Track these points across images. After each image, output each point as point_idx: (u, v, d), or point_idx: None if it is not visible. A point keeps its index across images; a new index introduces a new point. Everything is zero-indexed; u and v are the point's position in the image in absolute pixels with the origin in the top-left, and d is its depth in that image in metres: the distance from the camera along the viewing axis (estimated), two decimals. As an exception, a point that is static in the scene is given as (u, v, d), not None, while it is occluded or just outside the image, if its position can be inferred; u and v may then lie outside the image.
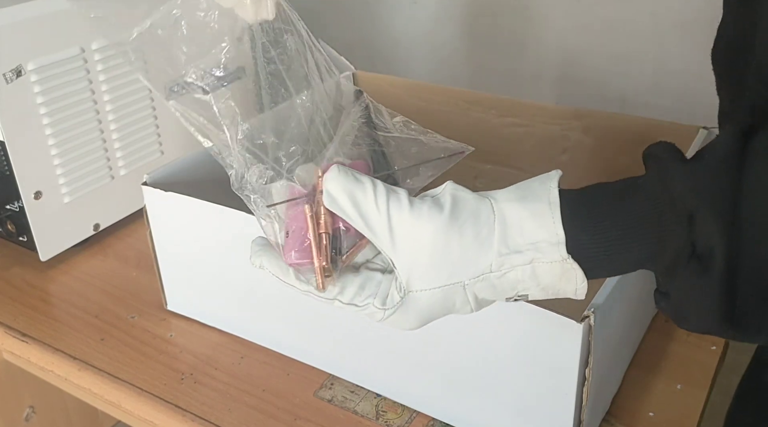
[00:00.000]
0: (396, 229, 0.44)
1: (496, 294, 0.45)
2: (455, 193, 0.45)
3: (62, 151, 0.81)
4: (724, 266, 0.38)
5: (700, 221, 0.39)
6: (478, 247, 0.44)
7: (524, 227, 0.43)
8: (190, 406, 0.65)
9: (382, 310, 0.46)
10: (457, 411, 0.61)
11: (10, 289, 0.81)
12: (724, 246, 0.38)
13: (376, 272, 0.47)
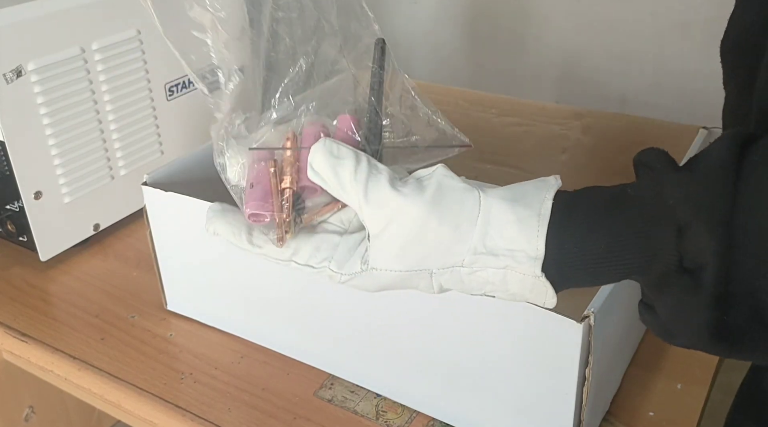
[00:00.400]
0: (372, 205, 0.43)
1: (462, 288, 0.44)
2: (443, 179, 0.44)
3: (62, 151, 0.81)
4: (715, 282, 0.37)
5: (690, 233, 0.37)
6: (454, 239, 0.42)
7: (506, 231, 0.42)
8: (190, 406, 0.65)
9: (339, 274, 0.46)
10: (457, 411, 0.61)
11: (10, 289, 0.82)
12: (716, 261, 0.36)
13: (333, 234, 0.47)
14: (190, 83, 0.95)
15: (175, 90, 0.93)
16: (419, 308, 0.59)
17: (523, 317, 0.53)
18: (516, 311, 0.53)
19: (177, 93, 0.93)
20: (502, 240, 0.42)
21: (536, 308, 0.52)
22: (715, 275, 0.36)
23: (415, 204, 0.43)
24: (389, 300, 0.60)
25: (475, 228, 0.42)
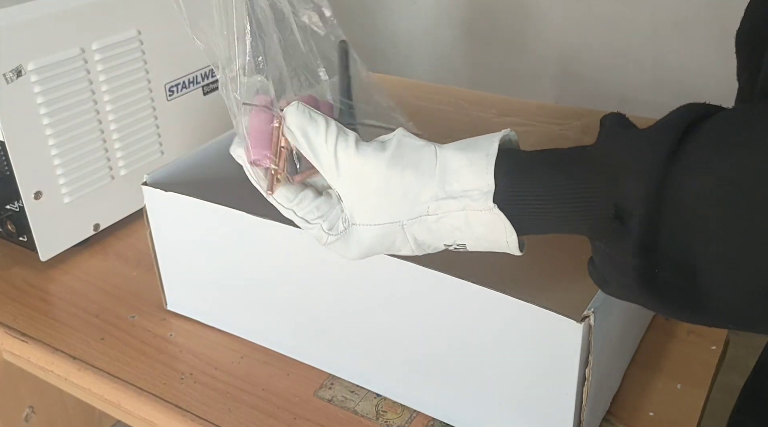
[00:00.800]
0: (342, 166, 0.48)
1: (433, 238, 0.48)
2: (402, 138, 0.48)
3: (62, 152, 0.81)
4: (641, 229, 0.39)
5: (623, 181, 0.39)
6: (416, 188, 0.46)
7: (461, 174, 0.45)
8: (190, 406, 0.65)
9: (327, 234, 0.50)
10: (457, 411, 0.61)
11: (10, 289, 0.82)
12: (644, 209, 0.38)
13: (334, 199, 0.50)
14: (190, 83, 0.95)
15: (175, 90, 0.93)
16: (419, 308, 0.59)
17: (524, 317, 0.53)
18: (516, 311, 0.53)
19: (177, 93, 0.93)
20: (458, 183, 0.46)
21: (536, 307, 0.52)
22: (641, 222, 0.38)
23: (379, 161, 0.47)
24: (389, 300, 0.60)
25: (434, 177, 0.46)
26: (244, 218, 0.64)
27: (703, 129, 0.39)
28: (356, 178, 0.48)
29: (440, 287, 0.56)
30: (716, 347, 0.70)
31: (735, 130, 0.38)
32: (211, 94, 0.99)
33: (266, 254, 0.65)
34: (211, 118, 0.99)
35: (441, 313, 0.57)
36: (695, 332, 0.72)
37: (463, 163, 0.46)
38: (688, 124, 0.39)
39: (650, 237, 0.39)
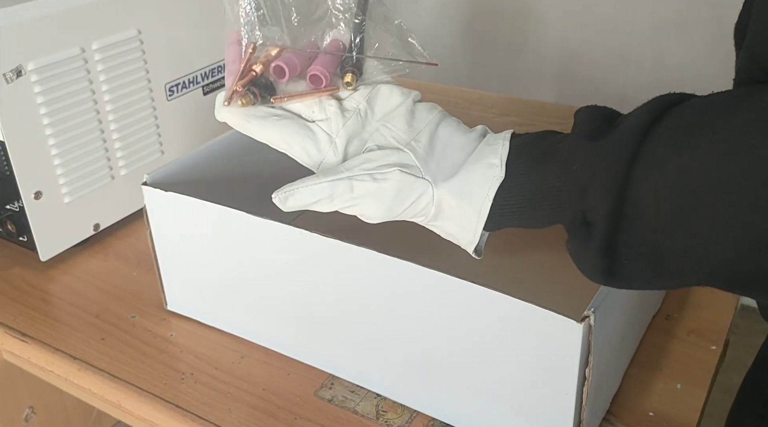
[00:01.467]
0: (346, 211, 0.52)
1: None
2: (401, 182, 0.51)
3: (62, 151, 0.81)
4: (602, 238, 0.44)
5: (589, 195, 0.44)
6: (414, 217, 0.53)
7: (451, 221, 0.51)
8: (190, 406, 0.65)
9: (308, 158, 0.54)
10: (457, 411, 0.61)
11: (10, 289, 0.82)
12: (604, 222, 0.43)
13: (319, 128, 0.53)
14: (190, 83, 0.95)
15: (175, 90, 0.93)
16: (419, 307, 0.59)
17: (524, 317, 0.53)
18: (516, 311, 0.53)
19: (177, 93, 0.93)
20: (448, 226, 0.52)
21: (536, 307, 0.52)
22: (602, 232, 0.44)
23: (378, 206, 0.51)
24: (389, 300, 0.60)
25: (427, 216, 0.52)
26: (244, 218, 0.64)
27: (663, 124, 0.42)
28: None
29: (440, 287, 0.56)
30: (716, 347, 0.70)
31: (691, 121, 0.41)
32: (211, 94, 0.99)
33: (266, 253, 0.65)
34: (211, 118, 0.99)
35: (441, 313, 0.57)
36: (695, 332, 0.72)
37: (454, 213, 0.50)
38: (651, 122, 0.42)
39: (611, 242, 0.44)
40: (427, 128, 0.52)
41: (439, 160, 0.51)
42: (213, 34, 0.96)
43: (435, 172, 0.50)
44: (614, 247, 0.44)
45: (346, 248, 0.60)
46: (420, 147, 0.51)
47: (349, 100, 0.54)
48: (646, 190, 0.41)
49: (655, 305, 0.74)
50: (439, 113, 0.54)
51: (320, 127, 0.53)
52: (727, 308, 0.75)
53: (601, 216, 0.43)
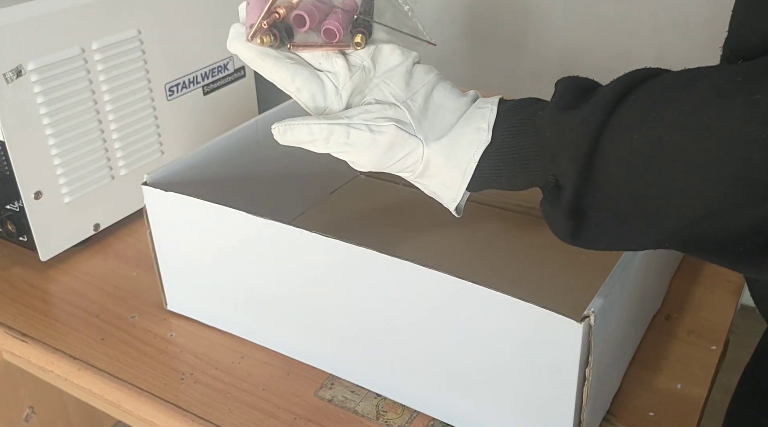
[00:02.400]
0: (340, 155, 0.54)
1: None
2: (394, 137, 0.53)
3: (62, 151, 0.81)
4: (570, 202, 0.47)
5: (559, 161, 0.47)
6: (400, 172, 0.55)
7: (437, 178, 0.53)
8: (190, 406, 0.65)
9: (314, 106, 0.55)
10: (457, 411, 0.61)
11: (10, 289, 0.82)
12: (572, 187, 0.46)
13: (327, 79, 0.55)
14: (190, 83, 0.95)
15: (175, 90, 0.93)
16: (419, 307, 0.59)
17: (524, 317, 0.53)
18: (516, 311, 0.53)
19: (177, 93, 0.93)
20: (432, 184, 0.54)
21: (536, 308, 0.52)
22: (570, 195, 0.47)
23: (372, 155, 0.53)
24: (388, 299, 0.60)
25: (416, 171, 0.54)
26: (244, 218, 0.64)
27: (632, 97, 0.44)
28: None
29: (440, 287, 0.56)
30: (716, 347, 0.70)
31: (657, 94, 0.43)
32: (211, 94, 0.99)
33: (266, 253, 0.65)
34: (211, 118, 0.99)
35: (441, 313, 0.57)
36: (695, 332, 0.72)
37: (442, 171, 0.53)
38: (622, 95, 0.44)
39: (578, 205, 0.47)
40: (423, 89, 0.55)
41: (432, 121, 0.54)
42: (213, 34, 0.96)
43: (427, 131, 0.53)
44: (582, 209, 0.47)
45: (345, 248, 0.60)
46: (415, 106, 0.54)
47: (354, 56, 0.56)
48: (612, 158, 0.44)
49: (655, 305, 0.74)
50: (435, 76, 0.57)
51: (328, 77, 0.56)
52: (727, 308, 0.75)
53: (569, 180, 0.46)
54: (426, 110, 0.54)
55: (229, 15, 0.96)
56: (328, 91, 0.55)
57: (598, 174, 0.45)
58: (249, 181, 0.83)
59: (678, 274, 0.80)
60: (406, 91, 0.55)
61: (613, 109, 0.44)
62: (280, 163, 0.86)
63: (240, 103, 1.04)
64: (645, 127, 0.42)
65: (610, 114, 0.44)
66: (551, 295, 0.74)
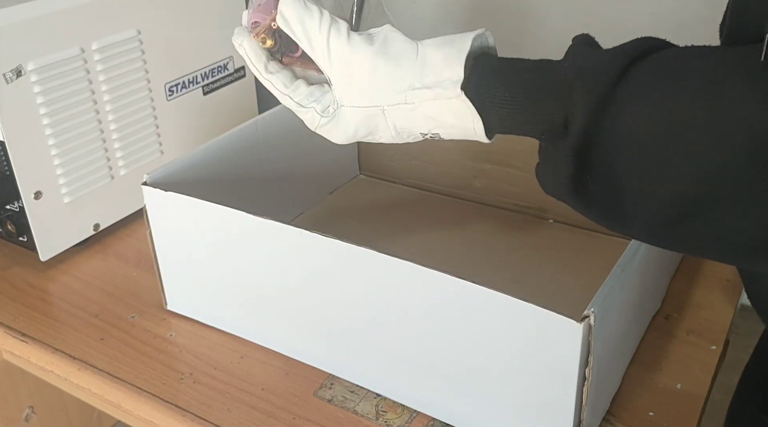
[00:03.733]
0: (333, 53, 0.53)
1: (410, 125, 0.53)
2: (389, 33, 0.53)
3: (62, 151, 0.81)
4: (578, 134, 0.43)
5: (574, 93, 0.44)
6: (397, 78, 0.52)
7: (436, 66, 0.51)
8: (190, 406, 0.65)
9: (320, 116, 0.55)
10: (457, 411, 0.61)
11: (10, 289, 0.81)
12: (584, 117, 0.43)
13: (326, 86, 0.56)
14: (190, 83, 0.95)
15: (175, 90, 0.93)
16: (418, 307, 0.59)
17: (523, 317, 0.53)
18: (516, 311, 0.53)
19: (177, 93, 0.93)
20: (433, 74, 0.51)
21: (536, 307, 0.52)
22: (580, 127, 0.43)
23: (366, 51, 0.53)
24: (388, 299, 0.60)
25: (413, 68, 0.52)
26: (244, 218, 0.64)
27: (650, 59, 0.43)
28: (346, 65, 0.53)
29: (439, 287, 0.56)
30: (716, 347, 0.70)
31: (674, 64, 0.42)
32: (211, 94, 0.99)
33: (265, 254, 0.65)
34: (211, 118, 0.99)
35: (441, 312, 0.57)
36: (695, 332, 0.72)
37: (439, 58, 0.51)
38: (640, 53, 0.43)
39: (586, 144, 0.43)
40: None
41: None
42: (213, 34, 0.96)
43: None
44: (587, 157, 0.44)
45: (345, 248, 0.60)
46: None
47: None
48: (625, 111, 0.42)
49: (655, 305, 0.74)
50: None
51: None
52: (727, 308, 0.75)
53: (580, 113, 0.43)
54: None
55: (229, 15, 0.96)
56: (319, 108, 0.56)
57: (609, 122, 0.42)
58: (249, 181, 0.83)
59: (678, 274, 0.80)
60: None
61: (630, 65, 0.43)
62: (279, 163, 0.86)
63: (240, 103, 1.04)
64: (658, 95, 0.41)
65: (627, 67, 0.42)
66: (551, 295, 0.74)
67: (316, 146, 0.92)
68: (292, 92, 0.56)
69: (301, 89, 0.56)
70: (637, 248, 0.58)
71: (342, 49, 0.53)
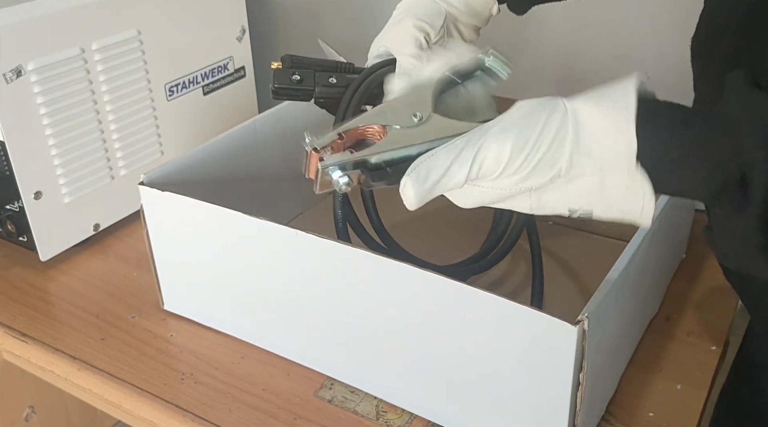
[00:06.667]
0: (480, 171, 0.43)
1: (560, 200, 0.44)
2: (522, 103, 0.44)
3: (62, 151, 0.81)
4: (762, 198, 0.36)
5: (748, 146, 0.36)
6: (552, 152, 0.42)
7: (597, 130, 0.41)
8: (190, 406, 0.65)
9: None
10: (453, 414, 0.61)
11: (10, 289, 0.82)
12: (764, 177, 0.35)
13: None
14: (190, 83, 0.95)
15: (175, 90, 0.93)
16: (415, 310, 0.58)
17: (518, 320, 0.53)
18: (512, 313, 0.53)
19: (177, 93, 0.93)
20: (595, 142, 0.41)
21: (532, 311, 0.52)
22: (762, 189, 0.35)
23: (505, 139, 0.42)
24: (386, 302, 0.60)
25: (567, 134, 0.42)
26: (242, 219, 0.64)
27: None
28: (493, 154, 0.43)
29: (436, 289, 0.56)
30: (716, 348, 0.70)
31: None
32: (211, 94, 0.99)
33: (262, 254, 0.65)
34: (211, 118, 0.99)
35: (437, 315, 0.57)
36: (695, 333, 0.72)
37: (598, 118, 0.41)
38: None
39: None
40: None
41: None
42: (213, 34, 0.96)
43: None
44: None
45: (342, 249, 0.59)
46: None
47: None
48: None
49: (654, 307, 0.74)
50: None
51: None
52: (727, 309, 0.75)
53: (759, 169, 0.35)
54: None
55: (229, 15, 0.96)
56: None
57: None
58: (248, 182, 0.83)
59: (677, 275, 0.80)
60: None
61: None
62: (278, 163, 0.86)
63: (240, 103, 1.04)
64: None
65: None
66: (550, 297, 0.74)
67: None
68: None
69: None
70: (635, 251, 0.58)
71: (488, 164, 0.43)
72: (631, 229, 0.61)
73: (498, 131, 0.42)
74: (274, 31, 1.24)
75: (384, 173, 0.46)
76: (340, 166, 0.46)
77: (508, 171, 0.43)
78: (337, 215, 0.65)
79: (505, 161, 0.42)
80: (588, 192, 0.42)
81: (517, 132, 0.42)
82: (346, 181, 0.46)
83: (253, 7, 1.07)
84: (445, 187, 0.44)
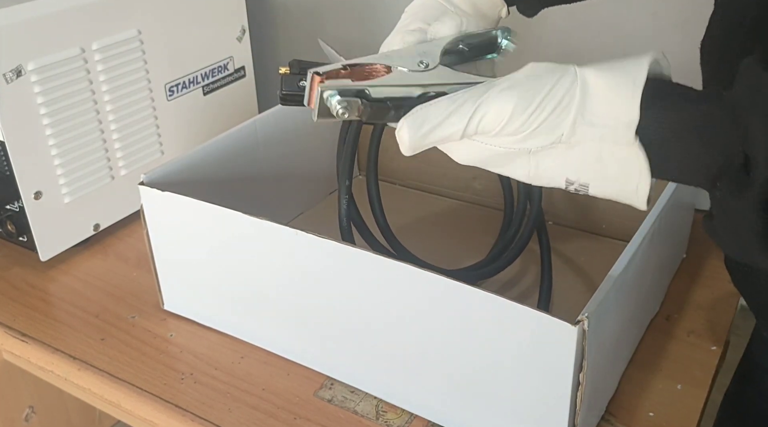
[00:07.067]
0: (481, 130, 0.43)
1: (557, 169, 0.43)
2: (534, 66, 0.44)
3: (62, 151, 0.81)
4: (763, 180, 0.35)
5: (751, 129, 0.35)
6: (557, 115, 0.42)
7: (603, 98, 0.41)
8: (190, 406, 0.65)
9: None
10: (453, 415, 0.61)
11: (10, 289, 0.82)
12: (766, 156, 0.34)
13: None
14: (190, 83, 0.95)
15: (175, 90, 0.93)
16: (415, 310, 0.58)
17: (518, 320, 0.53)
18: (511, 313, 0.53)
19: (177, 93, 0.93)
20: (599, 108, 0.41)
21: (532, 311, 0.52)
22: (763, 170, 0.34)
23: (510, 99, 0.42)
24: (385, 303, 0.60)
25: (574, 99, 0.41)
26: (242, 219, 0.64)
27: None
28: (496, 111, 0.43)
29: (436, 289, 0.56)
30: (716, 348, 0.70)
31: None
32: (211, 94, 0.99)
33: (262, 254, 0.65)
34: (211, 119, 0.99)
35: (437, 315, 0.57)
36: (695, 332, 0.72)
37: (605, 88, 0.41)
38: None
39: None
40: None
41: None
42: (213, 34, 0.96)
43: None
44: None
45: (342, 249, 0.59)
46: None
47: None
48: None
49: (654, 307, 0.74)
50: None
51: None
52: (728, 309, 0.75)
53: (761, 147, 0.35)
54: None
55: (229, 15, 0.96)
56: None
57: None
58: (248, 181, 0.83)
59: (678, 275, 0.80)
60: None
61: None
62: (279, 163, 0.86)
63: (240, 103, 1.04)
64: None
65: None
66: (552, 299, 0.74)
67: (316, 146, 0.92)
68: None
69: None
70: (635, 251, 0.58)
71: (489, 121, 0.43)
72: (631, 229, 0.61)
73: (504, 88, 0.42)
74: (274, 31, 1.24)
75: (385, 109, 0.46)
76: (340, 91, 0.46)
77: (508, 129, 0.42)
78: (342, 214, 0.65)
79: (506, 119, 0.42)
80: (586, 163, 0.42)
81: (522, 91, 0.42)
82: (344, 106, 0.45)
83: (253, 7, 1.07)
84: (440, 136, 0.44)
